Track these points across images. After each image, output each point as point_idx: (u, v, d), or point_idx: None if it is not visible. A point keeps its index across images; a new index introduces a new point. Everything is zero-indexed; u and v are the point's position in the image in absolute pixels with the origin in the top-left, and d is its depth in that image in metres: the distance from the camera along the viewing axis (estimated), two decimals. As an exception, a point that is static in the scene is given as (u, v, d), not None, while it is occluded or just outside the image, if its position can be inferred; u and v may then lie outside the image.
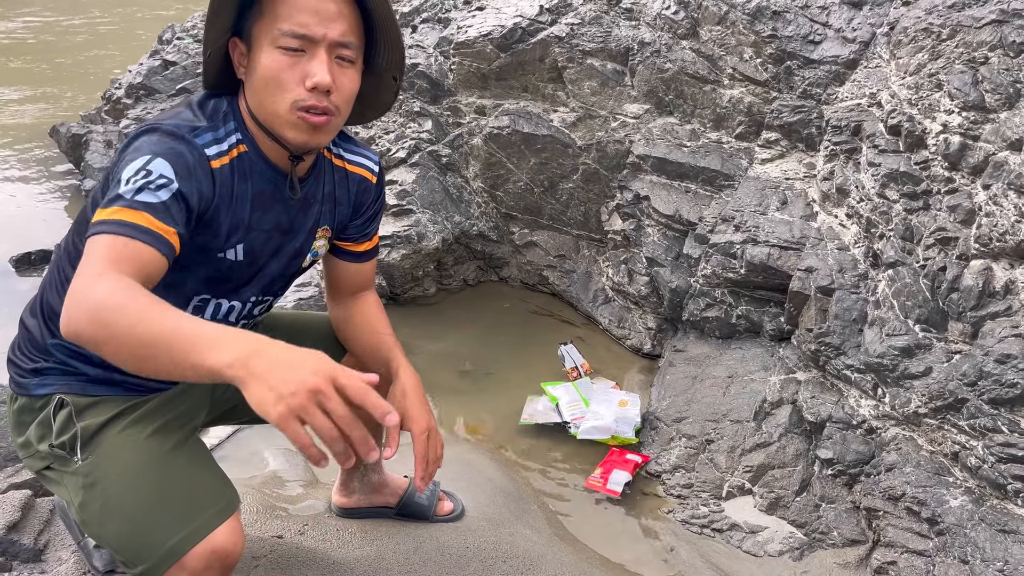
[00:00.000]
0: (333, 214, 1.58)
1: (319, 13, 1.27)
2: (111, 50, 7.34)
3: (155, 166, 1.21)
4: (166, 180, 1.21)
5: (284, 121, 1.31)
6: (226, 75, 1.39)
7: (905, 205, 2.35)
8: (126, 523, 1.30)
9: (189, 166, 1.25)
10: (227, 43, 1.35)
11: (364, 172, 1.60)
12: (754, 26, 2.97)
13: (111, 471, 1.35)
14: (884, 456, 2.23)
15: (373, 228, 1.68)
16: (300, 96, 1.29)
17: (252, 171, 1.38)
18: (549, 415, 2.76)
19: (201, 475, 1.39)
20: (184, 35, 4.96)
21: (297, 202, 1.47)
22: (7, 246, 3.82)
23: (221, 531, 1.29)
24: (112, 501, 1.32)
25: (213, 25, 1.31)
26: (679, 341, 3.02)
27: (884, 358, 2.23)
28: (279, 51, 1.28)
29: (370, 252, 1.70)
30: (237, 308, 1.52)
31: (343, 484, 2.09)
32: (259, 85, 1.31)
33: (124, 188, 1.18)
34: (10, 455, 2.12)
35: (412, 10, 3.98)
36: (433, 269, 3.56)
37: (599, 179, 3.37)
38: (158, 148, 1.23)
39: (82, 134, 4.69)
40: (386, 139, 3.66)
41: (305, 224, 1.52)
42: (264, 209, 1.42)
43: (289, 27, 1.26)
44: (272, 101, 1.30)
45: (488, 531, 2.13)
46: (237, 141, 1.36)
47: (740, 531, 2.31)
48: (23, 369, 1.48)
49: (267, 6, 1.28)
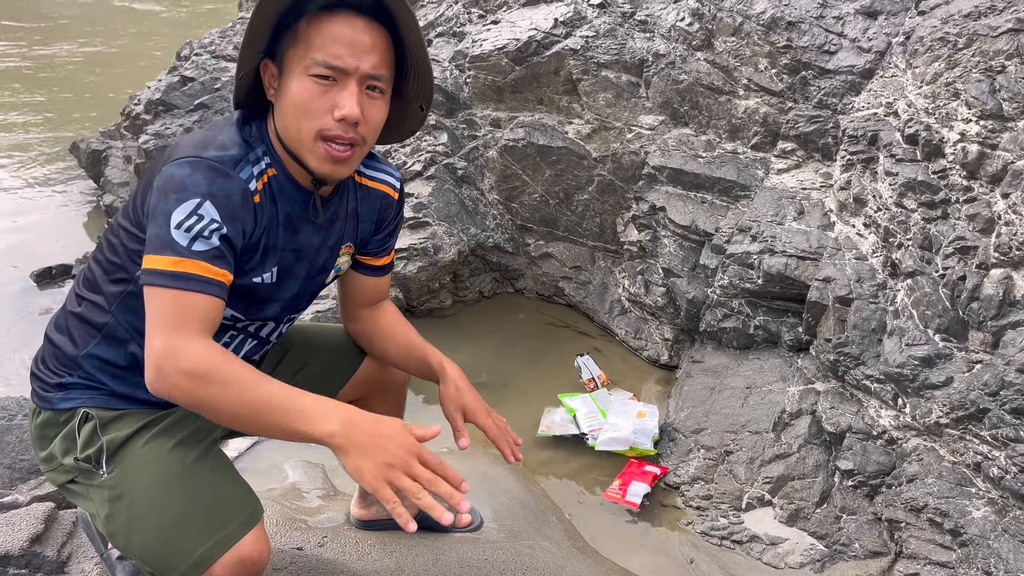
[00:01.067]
0: (356, 231, 1.59)
1: (353, 45, 1.28)
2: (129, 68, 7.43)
3: (205, 210, 1.23)
4: (217, 224, 1.24)
5: (308, 149, 1.33)
6: (255, 94, 1.40)
7: (923, 214, 2.35)
8: (153, 534, 1.31)
9: (235, 207, 1.27)
10: (259, 64, 1.36)
11: (386, 188, 1.61)
12: (769, 37, 2.98)
13: (137, 483, 1.36)
14: (905, 467, 2.21)
15: (392, 242, 1.70)
16: (327, 125, 1.30)
17: (281, 194, 1.39)
18: (566, 427, 2.76)
19: (225, 485, 1.40)
20: (202, 51, 5.01)
21: (322, 221, 1.49)
22: (28, 261, 3.87)
23: (247, 540, 1.30)
24: (139, 513, 1.33)
25: (249, 47, 1.32)
26: (696, 352, 3.01)
27: (904, 368, 2.22)
28: (311, 79, 1.29)
29: (388, 266, 1.72)
30: (269, 327, 1.55)
31: (362, 496, 2.09)
32: (288, 110, 1.32)
33: (176, 234, 1.21)
34: (33, 468, 2.14)
35: (427, 24, 4.01)
36: (449, 281, 3.58)
37: (614, 190, 3.38)
38: (206, 189, 1.24)
39: (101, 150, 4.75)
40: (402, 152, 3.69)
41: (328, 241, 1.53)
42: (293, 230, 1.44)
43: (323, 57, 1.27)
44: (299, 128, 1.31)
45: (507, 543, 2.13)
46: (267, 165, 1.37)
47: (760, 543, 2.29)
48: (47, 383, 1.49)
49: (303, 33, 1.29)
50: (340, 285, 1.73)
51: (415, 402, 2.90)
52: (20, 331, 3.35)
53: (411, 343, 1.70)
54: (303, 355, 1.75)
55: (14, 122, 5.88)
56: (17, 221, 4.41)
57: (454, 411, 1.59)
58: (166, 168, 1.27)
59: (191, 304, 1.22)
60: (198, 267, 1.22)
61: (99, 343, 1.45)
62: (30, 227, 4.36)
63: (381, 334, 1.72)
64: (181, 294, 1.21)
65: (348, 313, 1.76)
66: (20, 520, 1.93)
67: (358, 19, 1.29)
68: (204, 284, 1.23)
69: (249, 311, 1.48)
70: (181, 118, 4.53)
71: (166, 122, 4.53)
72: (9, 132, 5.69)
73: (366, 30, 1.30)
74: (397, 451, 1.13)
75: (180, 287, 1.21)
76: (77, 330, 1.47)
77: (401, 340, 1.71)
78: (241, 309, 1.46)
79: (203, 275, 1.23)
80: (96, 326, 1.45)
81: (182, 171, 1.25)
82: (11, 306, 3.54)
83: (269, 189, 1.37)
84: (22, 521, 1.93)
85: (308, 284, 1.55)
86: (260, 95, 1.40)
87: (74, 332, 1.47)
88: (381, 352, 1.74)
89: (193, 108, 4.56)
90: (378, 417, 1.17)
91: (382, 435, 1.14)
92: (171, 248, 1.22)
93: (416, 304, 3.49)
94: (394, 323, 1.73)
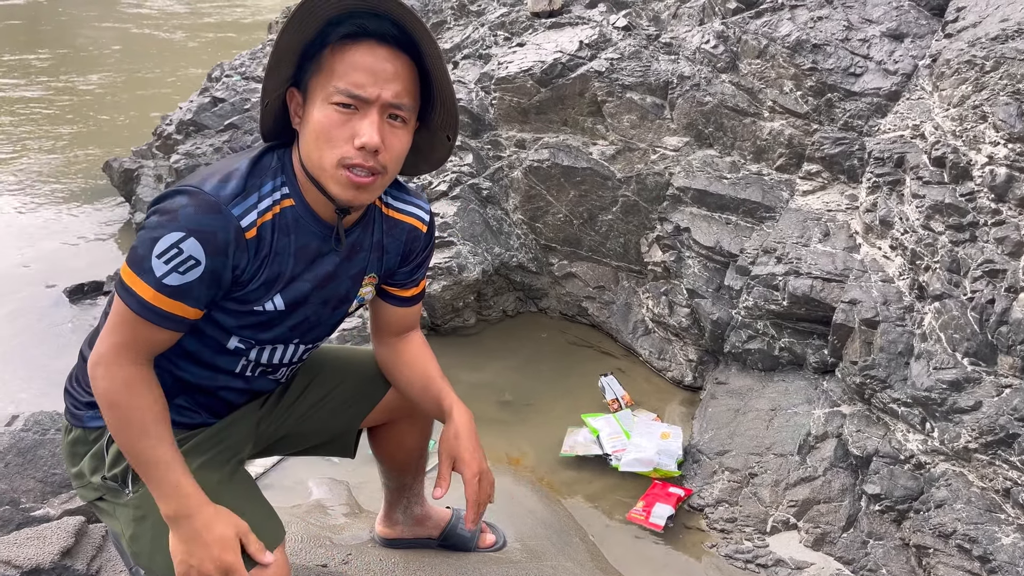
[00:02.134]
0: (380, 262, 1.57)
1: (375, 74, 1.28)
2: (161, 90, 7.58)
3: (187, 246, 1.25)
4: (195, 262, 1.26)
5: (329, 176, 1.32)
6: (282, 123, 1.41)
7: (951, 237, 2.33)
8: None
9: (221, 244, 1.28)
10: (285, 92, 1.37)
11: (414, 221, 1.59)
12: (794, 59, 2.99)
13: None
14: (934, 492, 2.18)
15: (421, 274, 1.68)
16: (347, 154, 1.29)
17: (296, 225, 1.39)
18: (590, 447, 2.76)
19: (248, 507, 1.42)
20: (233, 72, 5.11)
21: (343, 250, 1.48)
22: (62, 277, 3.94)
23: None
24: (162, 533, 1.35)
25: (273, 76, 1.32)
26: (721, 373, 3.00)
27: (932, 392, 2.20)
28: (332, 107, 1.29)
29: (417, 297, 1.69)
30: (280, 351, 1.53)
31: (386, 515, 2.10)
32: (310, 138, 1.32)
33: (156, 262, 1.25)
34: (64, 482, 2.18)
35: (454, 47, 4.06)
36: (473, 300, 3.60)
37: (639, 211, 3.39)
38: (192, 224, 1.25)
39: (133, 169, 4.84)
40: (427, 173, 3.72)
41: (350, 271, 1.52)
42: (308, 261, 1.43)
43: (344, 85, 1.27)
44: (320, 156, 1.31)
45: (530, 563, 2.13)
46: (282, 196, 1.37)
47: (785, 567, 2.27)
48: (79, 401, 1.51)
49: (326, 62, 1.29)
50: (370, 310, 1.72)
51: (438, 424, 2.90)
52: (53, 346, 3.42)
53: (430, 381, 1.66)
54: (331, 380, 1.75)
55: (49, 141, 6.02)
56: (51, 238, 4.51)
57: (445, 458, 1.55)
58: (171, 191, 1.30)
59: (142, 332, 1.31)
60: (162, 302, 1.28)
61: None
62: (63, 244, 4.44)
63: (403, 365, 1.70)
64: (138, 320, 1.29)
65: (376, 338, 1.75)
66: (51, 533, 1.97)
67: (381, 48, 1.29)
68: (162, 319, 1.29)
69: (258, 337, 1.47)
70: (211, 138, 4.61)
71: (197, 142, 4.61)
72: (44, 151, 5.81)
73: (388, 59, 1.29)
74: (206, 560, 1.28)
75: (139, 313, 1.28)
76: None
77: (419, 375, 1.68)
78: (250, 335, 1.46)
79: (164, 309, 1.28)
80: None
81: (180, 199, 1.27)
82: (45, 321, 3.61)
83: (282, 220, 1.37)
84: (53, 534, 1.97)
85: (327, 313, 1.54)
86: (287, 124, 1.40)
87: None
88: (398, 383, 1.72)
89: (223, 128, 4.64)
90: (216, 519, 1.31)
91: (204, 540, 1.29)
92: (144, 273, 1.27)
93: (440, 323, 3.52)
94: (417, 357, 1.70)
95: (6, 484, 2.10)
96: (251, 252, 1.33)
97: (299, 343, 1.55)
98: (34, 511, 2.08)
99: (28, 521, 2.06)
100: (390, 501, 2.06)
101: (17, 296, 3.81)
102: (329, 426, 1.75)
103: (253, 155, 1.38)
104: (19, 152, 5.78)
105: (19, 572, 1.83)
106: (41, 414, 2.26)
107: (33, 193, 5.09)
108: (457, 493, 2.46)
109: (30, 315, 3.66)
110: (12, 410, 2.40)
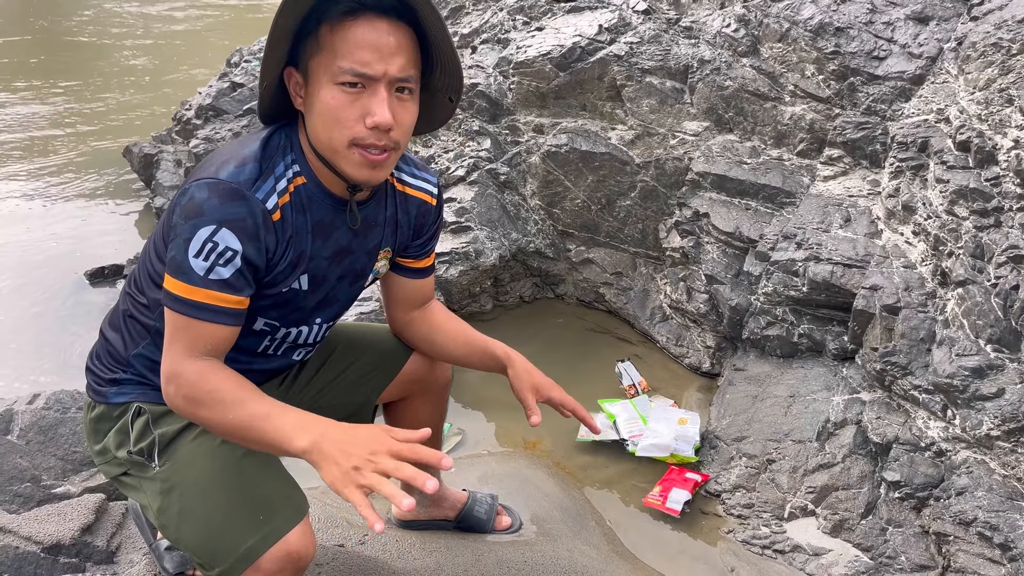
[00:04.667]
0: (395, 236, 1.58)
1: (379, 49, 1.26)
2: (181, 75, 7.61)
3: (221, 237, 1.25)
4: (232, 252, 1.26)
5: (343, 157, 1.32)
6: (282, 103, 1.39)
7: (975, 222, 2.30)
8: (203, 527, 1.34)
9: (252, 229, 1.28)
10: (282, 73, 1.35)
11: (424, 196, 1.61)
12: (816, 43, 2.95)
13: (187, 477, 1.40)
14: (954, 479, 2.16)
15: (432, 245, 1.70)
16: (360, 134, 1.29)
17: (311, 202, 1.39)
18: (606, 432, 2.75)
19: (271, 480, 1.43)
20: (251, 57, 5.11)
21: (358, 226, 1.48)
22: (82, 260, 3.97)
23: (294, 534, 1.33)
24: (189, 506, 1.36)
25: (270, 57, 1.30)
26: (739, 360, 2.98)
27: (954, 379, 2.18)
28: (338, 87, 1.27)
29: (430, 267, 1.72)
30: (304, 332, 1.55)
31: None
32: (318, 120, 1.30)
33: (194, 263, 1.25)
34: (84, 460, 2.20)
35: (472, 31, 4.04)
36: (490, 286, 3.59)
37: (657, 196, 3.37)
38: (221, 215, 1.26)
39: (153, 154, 4.86)
40: (445, 158, 3.72)
41: (366, 246, 1.53)
42: (324, 236, 1.43)
43: (349, 64, 1.25)
44: (331, 137, 1.30)
45: (546, 546, 2.13)
46: (294, 175, 1.36)
47: (803, 553, 2.26)
48: (101, 378, 1.53)
49: (325, 40, 1.27)
50: (385, 290, 1.73)
51: (455, 407, 2.91)
52: (73, 327, 3.44)
53: (470, 337, 1.72)
54: (348, 355, 1.77)
55: (69, 127, 6.06)
56: (71, 222, 4.54)
57: (527, 391, 1.62)
58: (188, 188, 1.28)
59: (200, 332, 1.29)
60: (211, 297, 1.27)
61: (148, 343, 1.48)
62: (84, 228, 4.47)
63: (439, 331, 1.74)
64: (192, 321, 1.28)
65: (399, 317, 1.75)
66: (71, 510, 1.99)
67: (381, 21, 1.27)
68: (215, 314, 1.29)
69: (285, 318, 1.49)
70: (230, 123, 4.63)
71: (216, 127, 4.62)
72: (64, 137, 5.86)
73: (390, 31, 1.27)
74: (362, 453, 1.16)
75: (191, 315, 1.28)
76: (128, 329, 1.51)
77: (460, 335, 1.73)
78: (276, 317, 1.47)
79: (216, 304, 1.28)
80: (145, 327, 1.48)
81: (201, 194, 1.26)
82: (66, 303, 3.64)
83: (297, 199, 1.37)
84: (73, 511, 1.99)
85: (345, 289, 1.55)
86: (287, 104, 1.39)
87: (125, 331, 1.51)
88: (442, 349, 1.75)
89: (242, 113, 4.65)
90: (353, 427, 1.21)
91: (351, 442, 1.18)
92: (186, 275, 1.26)
93: (457, 308, 3.51)
94: (448, 319, 1.76)
95: (27, 461, 2.12)
96: (278, 234, 1.34)
97: (321, 321, 1.57)
98: (55, 488, 2.11)
99: (49, 498, 2.08)
100: (406, 483, 2.07)
101: (38, 279, 3.85)
102: (347, 400, 1.77)
103: (262, 136, 1.37)
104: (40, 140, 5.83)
105: (40, 548, 1.85)
106: (62, 393, 2.28)
107: (53, 178, 5.12)
108: (473, 476, 2.48)
109: (51, 298, 3.69)
110: (34, 389, 2.42)
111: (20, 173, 5.21)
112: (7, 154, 5.50)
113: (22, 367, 3.19)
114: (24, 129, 5.98)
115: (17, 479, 2.08)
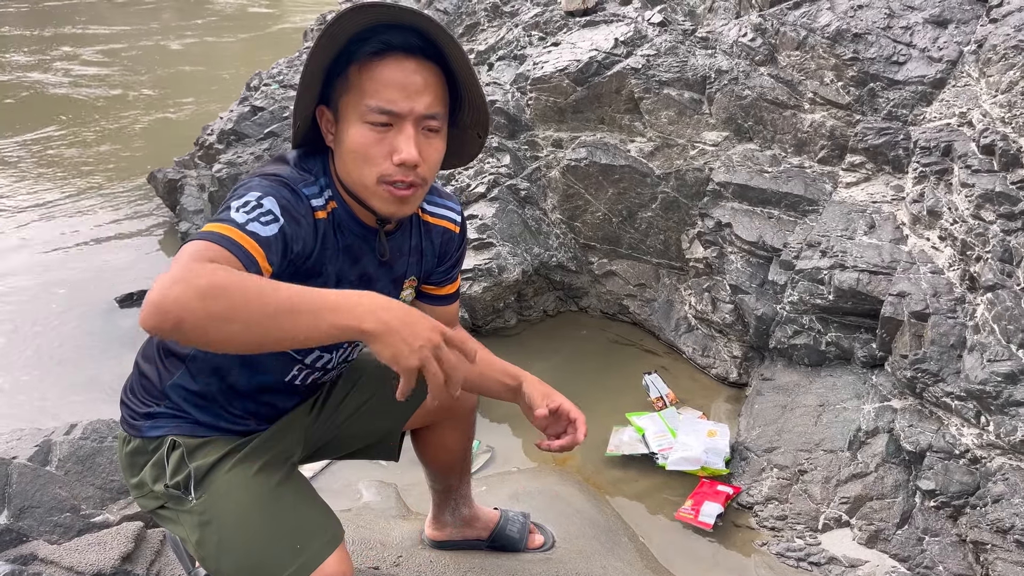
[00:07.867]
0: (420, 265, 1.61)
1: (406, 88, 1.28)
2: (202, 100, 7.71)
3: (267, 202, 1.25)
4: (273, 216, 1.24)
5: (372, 193, 1.34)
6: (312, 140, 1.43)
7: (1002, 226, 2.28)
8: (242, 557, 1.36)
9: (295, 213, 1.30)
10: (314, 111, 1.38)
11: (447, 224, 1.63)
12: (834, 49, 2.94)
13: (224, 508, 1.41)
14: (990, 487, 2.14)
15: (456, 272, 1.72)
16: (387, 171, 1.31)
17: (343, 226, 1.42)
18: (635, 446, 2.75)
19: (307, 508, 1.44)
20: (271, 81, 5.18)
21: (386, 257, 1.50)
22: (111, 286, 4.03)
23: (331, 561, 1.34)
24: (227, 537, 1.38)
25: (303, 96, 1.33)
26: (766, 369, 2.97)
27: (986, 385, 2.16)
28: (367, 126, 1.29)
29: (454, 294, 1.73)
30: (327, 358, 1.57)
31: (435, 518, 2.12)
32: (348, 157, 1.33)
33: (236, 214, 1.21)
34: (123, 488, 2.23)
35: (488, 48, 4.07)
36: (514, 301, 3.61)
37: (678, 207, 3.37)
38: (270, 190, 1.28)
39: (177, 179, 4.93)
40: (465, 175, 3.74)
41: (391, 275, 1.55)
42: (353, 260, 1.46)
43: (376, 103, 1.28)
44: (359, 174, 1.33)
45: (579, 563, 2.13)
46: (329, 197, 1.39)
47: (839, 565, 2.25)
48: (136, 412, 1.55)
49: (354, 80, 1.30)
50: None
51: (483, 423, 2.92)
52: (105, 353, 3.50)
53: (490, 363, 1.71)
54: (373, 384, 1.78)
55: (95, 154, 6.16)
56: (99, 247, 4.61)
57: (540, 398, 1.61)
58: (237, 185, 1.31)
59: (217, 253, 1.14)
60: (241, 238, 1.18)
61: (183, 373, 1.50)
62: (111, 253, 4.54)
63: None
64: (211, 246, 1.14)
65: None
66: (111, 539, 2.02)
67: (408, 60, 1.29)
68: (241, 252, 1.17)
69: None
70: (252, 146, 4.68)
71: (238, 151, 4.68)
72: (91, 163, 5.95)
73: (417, 71, 1.30)
74: (427, 333, 1.12)
75: (216, 241, 1.16)
76: (162, 359, 1.53)
77: (483, 361, 1.71)
78: None
79: (242, 244, 1.18)
80: (180, 357, 1.50)
81: (254, 181, 1.30)
82: (96, 329, 3.70)
83: (334, 219, 1.39)
84: (113, 540, 2.01)
85: None
86: (317, 140, 1.42)
87: (159, 361, 1.53)
88: None
89: (263, 136, 4.70)
90: (403, 304, 1.15)
91: (413, 320, 1.12)
92: (226, 220, 1.20)
93: (481, 324, 3.53)
94: None
95: (67, 491, 2.15)
96: (317, 232, 1.36)
97: (345, 348, 1.58)
98: (94, 517, 2.14)
99: (89, 527, 2.11)
100: (438, 503, 2.08)
101: (68, 305, 3.91)
102: (374, 428, 1.78)
103: (296, 156, 1.40)
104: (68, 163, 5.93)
105: (82, 577, 1.88)
106: (99, 422, 2.32)
107: (80, 205, 5.21)
108: (504, 494, 2.49)
109: (82, 324, 3.75)
110: (68, 417, 2.46)
111: (46, 199, 5.31)
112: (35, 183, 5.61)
113: (55, 394, 3.24)
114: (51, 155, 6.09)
115: (57, 509, 2.11)
